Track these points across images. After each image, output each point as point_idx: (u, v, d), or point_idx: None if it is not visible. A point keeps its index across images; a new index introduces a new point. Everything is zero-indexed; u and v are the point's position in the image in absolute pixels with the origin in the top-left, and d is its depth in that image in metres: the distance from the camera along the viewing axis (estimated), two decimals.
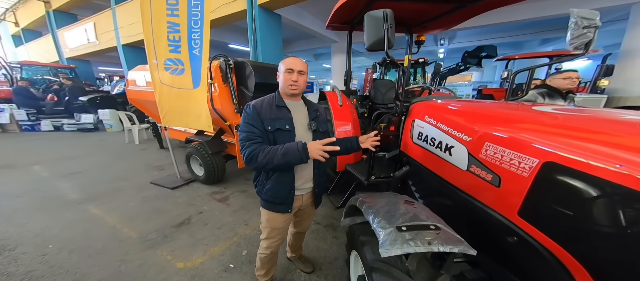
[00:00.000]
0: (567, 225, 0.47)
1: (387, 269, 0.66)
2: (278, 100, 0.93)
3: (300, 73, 0.90)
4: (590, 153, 0.44)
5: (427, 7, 1.55)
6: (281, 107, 0.92)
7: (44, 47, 10.42)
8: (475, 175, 0.72)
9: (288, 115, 0.92)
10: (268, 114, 0.89)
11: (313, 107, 1.02)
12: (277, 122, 0.89)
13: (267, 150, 0.82)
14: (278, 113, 0.91)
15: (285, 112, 0.92)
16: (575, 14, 0.82)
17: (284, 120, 0.90)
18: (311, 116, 0.98)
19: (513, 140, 0.59)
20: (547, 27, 7.57)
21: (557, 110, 0.72)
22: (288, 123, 0.91)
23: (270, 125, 0.88)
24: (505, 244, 0.64)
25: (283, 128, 0.89)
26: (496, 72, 16.16)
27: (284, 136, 0.89)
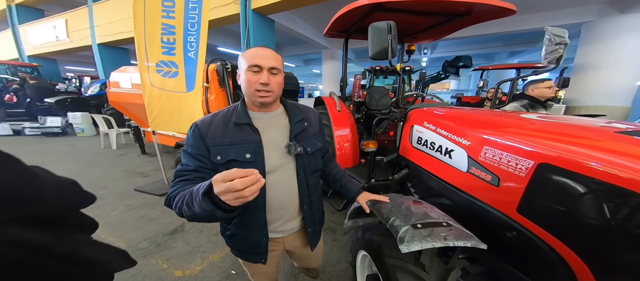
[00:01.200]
0: (561, 219, 0.55)
1: (403, 265, 0.70)
2: (239, 115, 0.63)
3: (273, 73, 0.60)
4: (577, 154, 0.53)
5: (419, 19, 1.68)
6: (242, 124, 0.63)
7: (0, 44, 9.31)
8: (475, 176, 0.79)
9: (253, 138, 0.63)
10: (219, 137, 0.61)
11: (297, 115, 0.71)
12: (232, 150, 0.60)
13: (182, 194, 0.51)
14: (237, 134, 0.62)
15: (248, 133, 0.63)
16: (549, 31, 0.96)
17: (245, 145, 0.61)
18: (294, 130, 0.68)
19: (510, 144, 0.68)
20: (514, 40, 8.48)
21: (542, 118, 0.83)
22: (251, 150, 0.62)
23: (219, 154, 0.60)
24: (505, 239, 0.71)
25: (241, 159, 0.60)
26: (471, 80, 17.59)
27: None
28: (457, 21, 1.56)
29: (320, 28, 7.05)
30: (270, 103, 0.66)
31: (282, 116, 0.71)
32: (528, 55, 10.38)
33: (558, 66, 0.99)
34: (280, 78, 0.64)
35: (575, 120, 0.81)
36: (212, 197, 0.44)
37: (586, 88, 5.12)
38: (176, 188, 0.55)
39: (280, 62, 0.63)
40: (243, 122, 0.63)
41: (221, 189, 0.42)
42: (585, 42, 5.15)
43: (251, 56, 0.59)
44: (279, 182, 0.68)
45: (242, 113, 0.65)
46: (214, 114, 0.67)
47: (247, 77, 0.60)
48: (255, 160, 0.62)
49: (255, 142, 0.63)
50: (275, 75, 0.62)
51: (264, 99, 0.62)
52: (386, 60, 1.10)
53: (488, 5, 1.19)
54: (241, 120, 0.64)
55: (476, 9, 1.32)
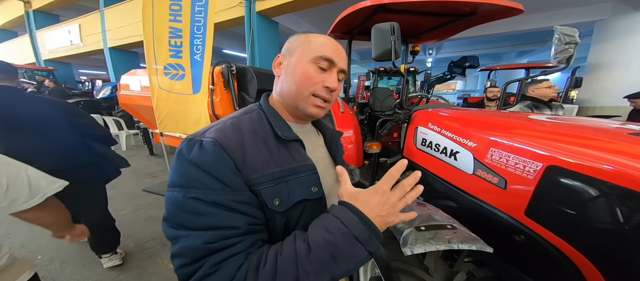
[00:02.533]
0: (572, 222, 0.53)
1: (406, 268, 0.69)
2: (280, 126, 0.42)
3: (339, 78, 0.43)
4: (589, 157, 0.51)
5: (423, 20, 1.67)
6: (291, 141, 0.42)
7: (18, 48, 9.77)
8: (481, 178, 0.78)
9: (306, 160, 0.42)
10: (265, 164, 0.37)
11: (333, 132, 0.55)
12: (293, 182, 0.38)
13: (270, 264, 0.30)
14: (285, 157, 0.40)
15: (299, 153, 0.42)
16: (558, 30, 0.93)
17: (305, 173, 0.40)
18: (339, 152, 0.54)
19: (518, 145, 0.66)
20: (523, 40, 8.28)
21: (552, 119, 0.81)
22: (314, 179, 0.41)
23: (276, 194, 0.36)
24: (512, 242, 0.69)
25: (308, 197, 0.39)
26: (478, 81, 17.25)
27: (310, 211, 0.40)
28: (463, 21, 1.54)
29: (323, 29, 7.05)
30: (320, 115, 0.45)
31: (313, 132, 0.52)
32: (537, 55, 10.10)
33: (568, 66, 0.96)
34: (341, 87, 0.46)
35: (586, 121, 0.79)
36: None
37: (600, 88, 4.94)
38: (237, 275, 0.29)
39: (347, 64, 0.47)
40: (292, 138, 0.41)
41: (385, 198, 0.33)
42: (598, 40, 4.98)
43: (322, 44, 0.40)
44: (326, 207, 0.45)
45: (282, 123, 0.42)
46: (234, 123, 0.39)
47: (306, 70, 0.39)
48: (321, 194, 0.41)
49: (312, 167, 0.41)
50: (340, 82, 0.44)
51: (319, 111, 0.43)
52: (389, 61, 1.10)
53: (494, 5, 1.17)
54: (288, 134, 0.41)
55: (482, 8, 1.30)
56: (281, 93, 0.44)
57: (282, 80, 0.43)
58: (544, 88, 1.58)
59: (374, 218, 0.32)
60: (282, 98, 0.44)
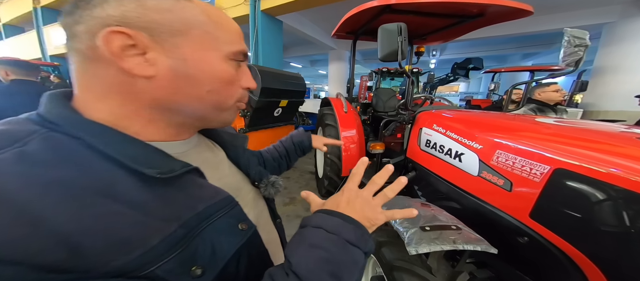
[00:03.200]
0: (578, 225, 0.53)
1: (410, 267, 0.70)
2: (150, 158, 0.24)
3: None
4: (597, 161, 0.51)
5: (429, 21, 1.66)
6: (168, 178, 0.24)
7: (25, 44, 9.89)
8: (487, 180, 0.78)
9: (212, 192, 0.29)
10: (137, 228, 0.21)
11: (234, 138, 0.41)
12: (208, 232, 0.25)
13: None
14: (176, 198, 0.24)
15: (195, 184, 0.27)
16: (568, 33, 0.92)
17: (217, 212, 0.27)
18: (250, 162, 0.41)
19: (525, 148, 0.66)
20: (529, 42, 8.19)
21: (559, 122, 0.81)
22: (233, 212, 0.29)
23: (196, 260, 0.23)
24: (516, 244, 0.70)
25: (241, 241, 0.29)
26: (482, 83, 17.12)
27: (247, 257, 0.29)
28: (470, 23, 1.53)
29: (327, 29, 7.07)
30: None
31: (205, 143, 0.36)
32: (543, 58, 9.99)
33: (577, 69, 0.95)
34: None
35: (593, 125, 0.78)
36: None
37: (605, 92, 4.88)
38: None
39: None
40: (180, 171, 0.25)
41: (366, 196, 0.30)
42: (606, 43, 4.92)
43: (236, 32, 0.29)
44: (266, 240, 0.35)
45: (146, 151, 0.25)
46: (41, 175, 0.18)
47: (225, 71, 0.28)
48: (251, 226, 0.31)
49: (225, 201, 0.29)
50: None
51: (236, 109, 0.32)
52: (395, 62, 1.10)
53: (503, 6, 1.17)
54: (172, 168, 0.25)
55: (490, 10, 1.29)
56: (171, 104, 0.25)
57: (173, 85, 0.24)
58: (550, 91, 1.57)
59: (352, 215, 0.28)
60: (172, 111, 0.26)
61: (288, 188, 2.73)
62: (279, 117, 2.90)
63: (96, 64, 0.23)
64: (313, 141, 0.68)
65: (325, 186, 2.24)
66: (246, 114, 2.42)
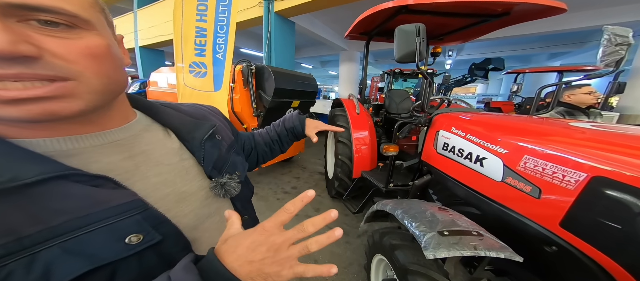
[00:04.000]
0: (617, 237, 0.49)
1: (425, 272, 0.68)
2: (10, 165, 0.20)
3: (47, 23, 0.20)
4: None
5: (448, 21, 1.61)
6: (42, 181, 0.21)
7: None
8: (512, 186, 0.74)
9: (92, 203, 0.23)
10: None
11: (197, 126, 0.38)
12: (53, 251, 0.20)
13: None
14: (22, 213, 0.20)
15: (69, 196, 0.22)
16: (608, 31, 0.85)
17: (89, 225, 0.22)
18: (210, 156, 0.37)
19: (557, 154, 0.62)
20: (556, 41, 7.61)
21: (595, 127, 0.75)
22: (123, 224, 0.24)
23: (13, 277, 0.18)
24: (542, 253, 0.65)
25: (111, 258, 0.23)
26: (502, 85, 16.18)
27: (137, 270, 0.25)
28: (493, 22, 1.46)
29: (339, 30, 7.06)
30: (84, 114, 0.24)
31: (155, 132, 0.35)
32: (572, 57, 9.25)
33: (617, 69, 0.88)
34: (94, 41, 0.24)
35: (634, 130, 0.72)
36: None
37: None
38: None
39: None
40: (33, 178, 0.21)
41: (261, 254, 0.23)
42: None
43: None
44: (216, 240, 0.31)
45: (6, 157, 0.21)
46: None
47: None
48: (160, 237, 0.27)
49: (124, 206, 0.25)
50: (66, 29, 0.22)
51: (45, 108, 0.21)
52: (412, 63, 1.07)
53: (533, 4, 1.10)
54: (16, 175, 0.20)
55: (517, 8, 1.22)
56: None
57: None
58: (582, 94, 1.44)
59: (238, 266, 0.23)
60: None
61: (298, 188, 2.76)
62: None
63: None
64: (306, 128, 0.61)
65: (336, 187, 2.24)
66: (259, 114, 2.48)
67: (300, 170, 3.37)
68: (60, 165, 0.22)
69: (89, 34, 0.23)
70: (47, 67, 0.20)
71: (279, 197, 2.53)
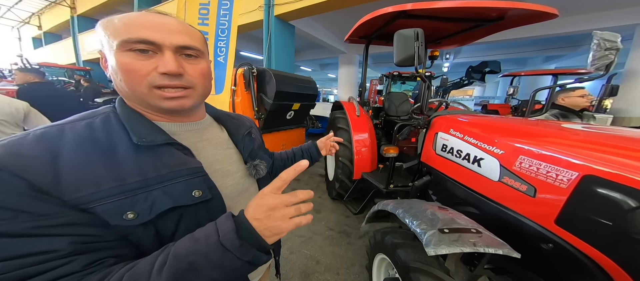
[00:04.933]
0: (609, 233, 0.52)
1: (427, 269, 0.70)
2: (140, 131, 0.35)
3: (188, 54, 0.37)
4: (630, 168, 0.50)
5: (445, 26, 1.65)
6: (159, 146, 0.36)
7: (62, 50, 10.89)
8: (508, 185, 0.77)
9: (189, 163, 0.37)
10: (102, 175, 0.30)
11: (240, 126, 0.51)
12: (158, 191, 0.33)
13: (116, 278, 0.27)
14: (151, 164, 0.34)
15: (175, 157, 0.37)
16: (598, 35, 0.89)
17: (182, 178, 0.36)
18: (247, 147, 0.50)
19: (550, 154, 0.65)
20: (552, 44, 7.76)
21: (587, 128, 0.78)
22: (197, 182, 0.37)
23: (129, 206, 0.31)
24: (538, 250, 0.68)
25: (185, 202, 0.35)
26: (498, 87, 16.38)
27: (193, 217, 0.37)
28: (488, 27, 1.51)
29: (338, 33, 7.15)
30: (191, 110, 0.41)
31: (215, 128, 0.48)
32: (567, 61, 9.43)
33: (607, 73, 0.92)
34: (204, 65, 0.39)
35: (624, 131, 0.75)
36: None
37: (637, 97, 4.51)
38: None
39: (198, 40, 0.38)
40: (159, 142, 0.35)
41: (274, 203, 0.31)
42: (638, 45, 4.57)
43: (130, 24, 0.32)
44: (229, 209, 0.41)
45: (145, 126, 0.35)
46: (46, 133, 0.30)
47: (122, 63, 0.32)
48: (211, 196, 0.37)
49: (195, 170, 0.37)
50: (193, 58, 0.37)
51: (176, 104, 0.36)
52: (411, 66, 1.11)
53: (526, 10, 1.14)
54: (153, 139, 0.34)
55: (510, 13, 1.27)
56: (123, 96, 0.37)
57: (114, 82, 0.35)
58: (576, 96, 1.48)
59: (252, 220, 0.30)
60: (134, 100, 0.36)
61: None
62: (291, 120, 2.97)
63: None
64: (321, 149, 0.77)
65: (336, 189, 2.26)
66: (261, 117, 2.51)
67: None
68: (171, 137, 0.37)
69: (202, 60, 0.39)
70: (185, 80, 0.37)
71: None
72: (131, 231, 0.32)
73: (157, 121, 0.39)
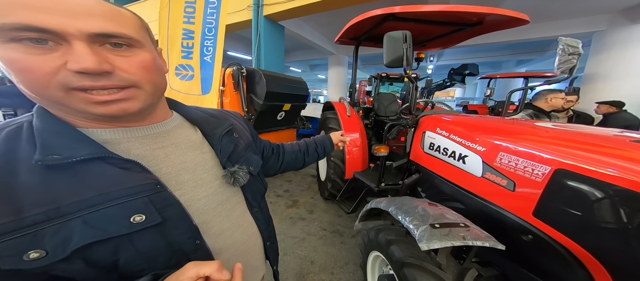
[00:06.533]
0: (579, 222, 0.57)
1: (420, 263, 0.73)
2: (56, 145, 0.27)
3: (114, 44, 0.28)
4: (594, 161, 0.55)
5: (430, 29, 1.73)
6: (77, 163, 0.27)
7: None
8: (490, 181, 0.82)
9: (117, 182, 0.29)
10: (35, 196, 0.25)
11: (218, 124, 0.45)
12: (78, 220, 0.26)
13: None
14: (66, 184, 0.26)
15: (102, 173, 0.29)
16: (562, 41, 0.98)
17: (110, 202, 0.28)
18: (225, 150, 0.43)
19: (526, 150, 0.70)
20: (522, 49, 8.45)
21: (556, 126, 0.86)
22: (132, 204, 0.29)
23: (38, 245, 0.24)
24: (519, 242, 0.73)
25: (115, 234, 0.28)
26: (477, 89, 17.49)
27: (132, 247, 0.29)
28: (469, 30, 1.61)
29: (327, 34, 7.20)
30: (142, 112, 0.33)
31: (185, 129, 0.41)
32: (536, 64, 10.29)
33: (570, 76, 1.01)
34: (145, 56, 0.31)
35: (588, 129, 0.84)
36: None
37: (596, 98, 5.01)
38: None
39: (128, 24, 0.29)
40: (79, 157, 0.27)
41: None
42: (595, 51, 5.12)
43: (16, 3, 0.23)
44: (228, 228, 0.41)
45: (63, 138, 0.28)
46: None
47: (11, 60, 0.24)
48: (161, 219, 0.31)
49: (136, 189, 0.30)
50: (125, 48, 0.29)
51: (116, 108, 0.29)
52: (400, 68, 1.14)
53: (500, 15, 1.24)
54: (70, 155, 0.27)
55: (488, 19, 1.36)
56: (36, 101, 0.28)
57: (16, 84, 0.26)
58: (559, 98, 1.66)
59: None
60: (54, 107, 0.29)
61: (290, 191, 2.75)
62: (281, 120, 2.93)
63: None
64: (333, 138, 0.78)
65: (329, 189, 2.26)
66: (251, 118, 2.45)
67: (292, 173, 3.35)
68: (103, 148, 0.29)
69: (141, 51, 0.31)
70: (118, 78, 0.28)
71: (271, 201, 2.49)
72: (47, 269, 0.25)
73: (90, 128, 0.30)
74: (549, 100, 1.68)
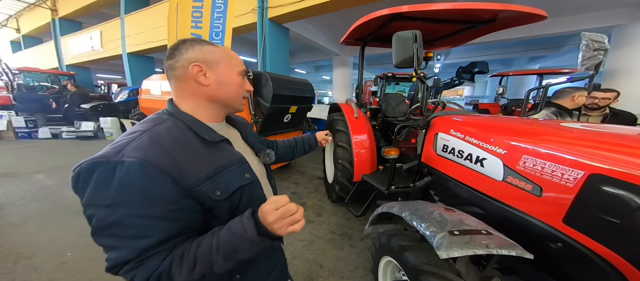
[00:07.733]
0: (617, 231, 0.52)
1: (438, 271, 0.69)
2: (205, 130, 0.47)
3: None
4: (634, 165, 0.51)
5: (439, 27, 1.68)
6: (218, 142, 0.48)
7: (43, 54, 10.39)
8: (513, 185, 0.77)
9: (235, 154, 0.50)
10: (201, 167, 0.43)
11: (242, 122, 0.66)
12: (228, 175, 0.46)
13: (192, 258, 0.39)
14: (216, 155, 0.46)
15: (227, 149, 0.50)
16: (586, 37, 0.92)
17: (237, 166, 0.49)
18: (253, 139, 0.65)
19: (554, 153, 0.66)
20: (535, 45, 8.13)
21: (585, 127, 0.80)
22: (245, 168, 0.50)
23: (218, 187, 0.44)
24: (547, 250, 0.68)
25: (243, 183, 0.48)
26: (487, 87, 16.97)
27: (248, 193, 0.49)
28: (480, 28, 1.55)
29: (332, 35, 7.19)
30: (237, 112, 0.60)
31: (228, 126, 0.60)
32: (550, 61, 9.88)
33: (597, 73, 0.95)
34: (244, 81, 0.58)
35: (620, 129, 0.78)
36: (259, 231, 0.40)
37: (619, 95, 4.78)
38: (161, 266, 0.37)
39: None
40: (219, 139, 0.49)
41: (275, 217, 0.39)
42: (616, 46, 4.85)
43: (238, 60, 0.53)
44: (266, 189, 0.59)
45: (205, 128, 0.48)
46: (151, 136, 0.40)
47: (238, 81, 0.52)
48: (254, 178, 0.51)
49: (240, 159, 0.50)
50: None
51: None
52: (410, 68, 1.11)
53: (516, 11, 1.18)
54: (215, 137, 0.48)
55: (502, 15, 1.31)
56: (215, 98, 0.50)
57: (216, 88, 0.49)
58: (584, 96, 1.59)
59: (262, 219, 0.41)
60: (215, 102, 0.51)
61: (297, 193, 2.74)
62: (288, 123, 2.93)
63: (184, 81, 0.48)
64: (317, 137, 0.95)
65: (337, 191, 2.23)
66: (258, 121, 2.46)
67: (298, 175, 3.34)
68: (222, 135, 0.51)
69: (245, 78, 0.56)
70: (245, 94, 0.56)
71: None
72: (218, 204, 0.45)
73: (211, 123, 0.52)
74: (575, 99, 1.59)
